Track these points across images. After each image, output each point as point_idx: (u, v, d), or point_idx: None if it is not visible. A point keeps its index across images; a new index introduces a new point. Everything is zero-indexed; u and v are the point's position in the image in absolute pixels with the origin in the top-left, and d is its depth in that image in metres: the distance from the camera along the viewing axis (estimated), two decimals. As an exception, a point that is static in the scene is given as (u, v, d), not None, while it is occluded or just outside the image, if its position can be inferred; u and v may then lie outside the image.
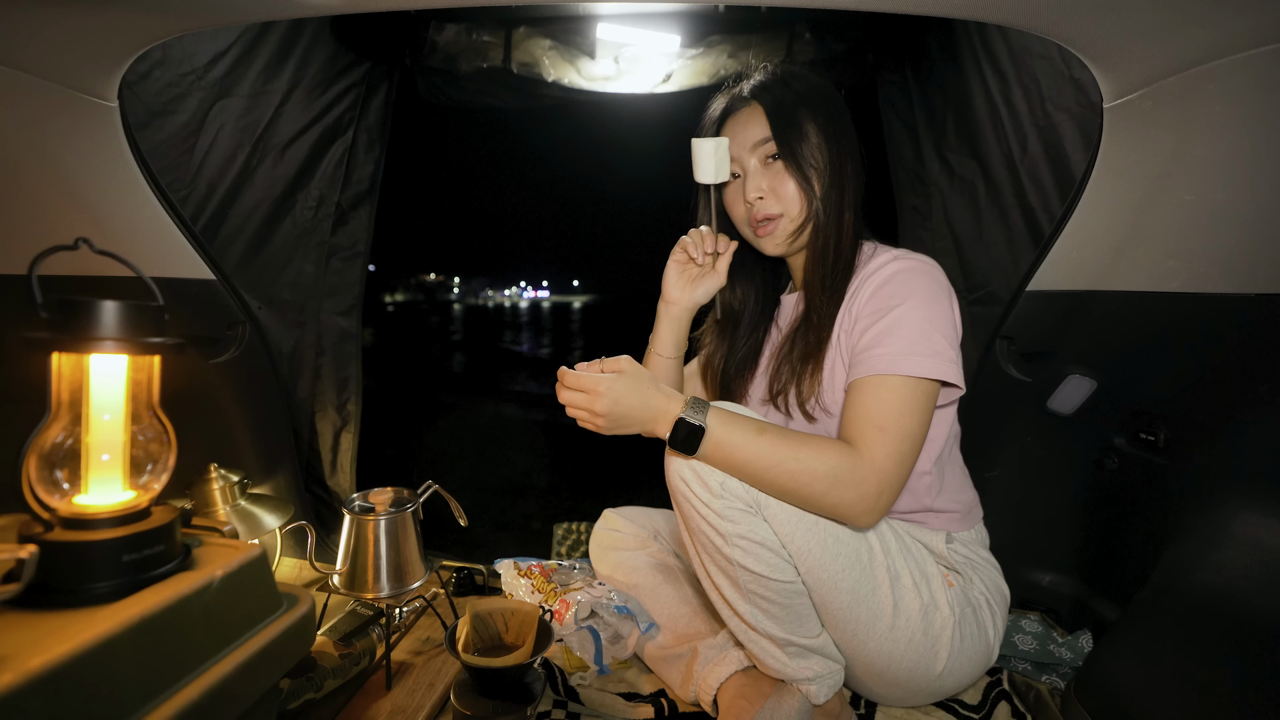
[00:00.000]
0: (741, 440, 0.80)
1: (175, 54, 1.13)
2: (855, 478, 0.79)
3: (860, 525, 0.85)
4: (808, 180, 0.94)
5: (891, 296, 0.87)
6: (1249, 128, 0.80)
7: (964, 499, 1.00)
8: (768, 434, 0.81)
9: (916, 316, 0.85)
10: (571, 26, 1.53)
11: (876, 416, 0.81)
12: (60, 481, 0.55)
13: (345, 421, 1.65)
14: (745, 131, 0.97)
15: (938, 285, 0.89)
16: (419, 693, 0.99)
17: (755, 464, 0.80)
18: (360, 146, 1.61)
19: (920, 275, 0.89)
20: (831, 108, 0.97)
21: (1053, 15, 0.76)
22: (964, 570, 0.96)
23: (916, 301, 0.86)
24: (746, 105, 0.98)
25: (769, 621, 0.87)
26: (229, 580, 0.57)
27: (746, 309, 1.11)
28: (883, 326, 0.85)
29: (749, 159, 0.98)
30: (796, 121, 0.94)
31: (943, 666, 0.89)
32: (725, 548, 0.83)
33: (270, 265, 1.46)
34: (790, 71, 1.00)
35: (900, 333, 0.84)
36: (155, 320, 0.56)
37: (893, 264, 0.90)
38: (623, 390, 0.81)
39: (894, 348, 0.83)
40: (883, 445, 0.79)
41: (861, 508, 0.80)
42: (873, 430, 0.80)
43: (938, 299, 0.87)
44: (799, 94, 0.96)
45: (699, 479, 0.83)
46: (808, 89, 0.97)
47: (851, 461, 0.79)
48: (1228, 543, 0.89)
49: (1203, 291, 0.95)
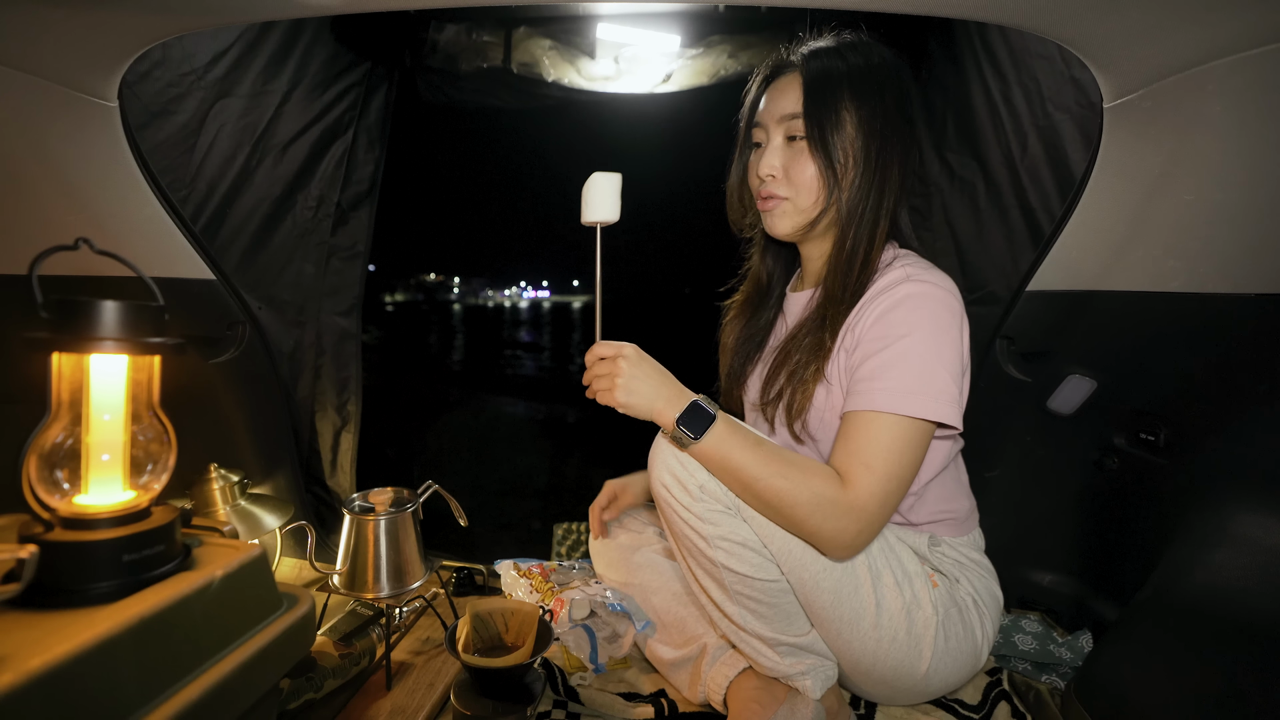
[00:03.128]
0: (739, 444, 0.80)
1: (175, 54, 1.13)
2: (836, 510, 0.78)
3: (835, 557, 0.84)
4: (832, 171, 0.87)
5: (899, 325, 0.82)
6: (1249, 128, 0.80)
7: (956, 507, 0.98)
8: (764, 447, 0.81)
9: (923, 350, 0.80)
10: (571, 26, 1.53)
11: (864, 453, 0.79)
12: (60, 481, 0.55)
13: (345, 421, 1.64)
14: (779, 100, 0.91)
15: (950, 314, 0.83)
16: (419, 693, 0.99)
17: (745, 472, 0.79)
18: (360, 146, 1.61)
19: (932, 303, 0.83)
20: (888, 95, 0.88)
21: (1053, 15, 0.76)
22: (949, 572, 0.95)
23: (925, 333, 0.81)
24: (789, 71, 0.91)
25: (757, 621, 0.88)
26: (229, 580, 0.57)
27: (773, 281, 1.10)
28: (886, 358, 0.81)
29: (774, 131, 0.92)
30: (833, 103, 0.86)
31: (927, 666, 0.89)
32: (708, 550, 0.84)
33: (270, 265, 1.46)
34: (853, 43, 0.90)
35: (904, 367, 0.80)
36: (155, 320, 0.56)
37: (904, 286, 0.84)
38: (646, 362, 0.84)
39: (895, 384, 0.80)
40: (867, 484, 0.78)
41: (839, 541, 0.79)
42: (860, 467, 0.79)
43: (948, 330, 0.82)
44: (848, 72, 0.87)
45: (679, 483, 0.83)
46: (864, 67, 0.88)
47: (835, 494, 0.78)
48: (1228, 543, 0.89)
49: (1203, 291, 0.94)
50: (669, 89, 1.56)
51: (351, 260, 1.63)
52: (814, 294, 0.98)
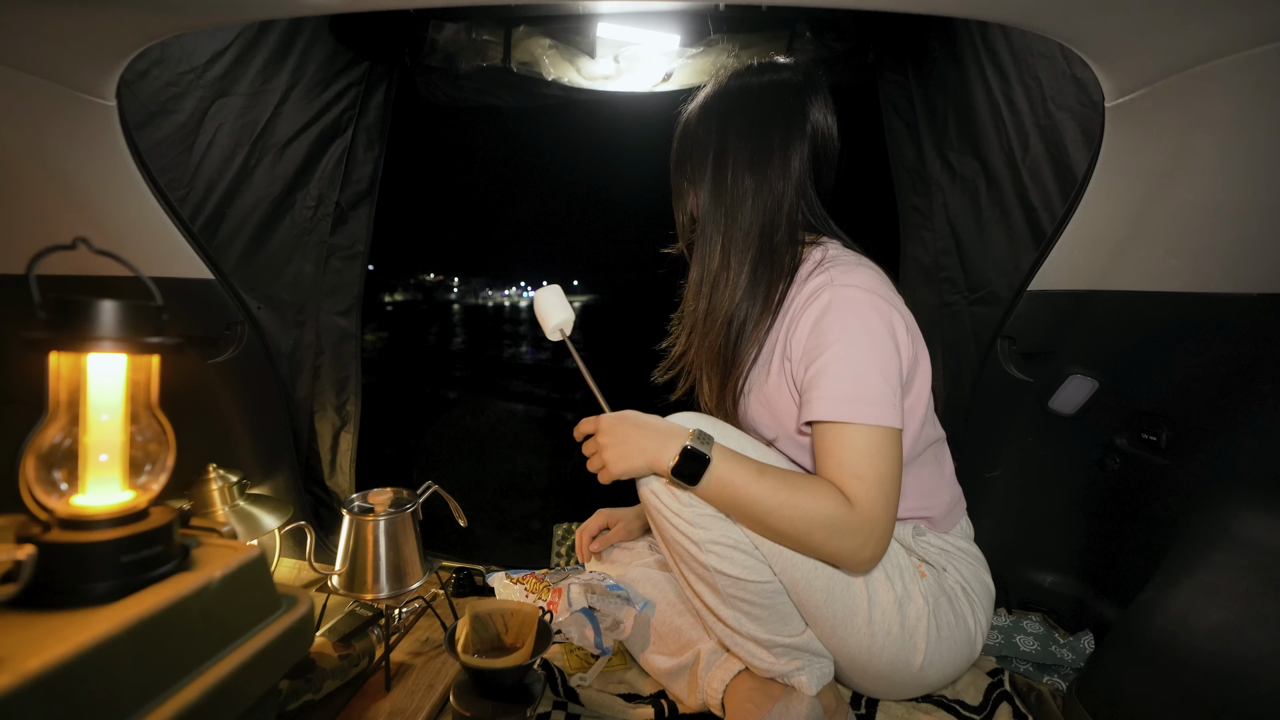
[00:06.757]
0: (744, 480, 0.80)
1: (174, 53, 1.12)
2: (849, 526, 0.78)
3: (860, 571, 0.86)
4: (710, 205, 0.96)
5: (828, 332, 0.84)
6: (1251, 126, 0.80)
7: (937, 501, 0.99)
8: (768, 476, 0.80)
9: (853, 355, 0.82)
10: (571, 25, 1.53)
11: (850, 465, 0.80)
12: (58, 482, 0.54)
13: (344, 422, 1.64)
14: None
15: (875, 314, 0.84)
16: (418, 694, 0.99)
17: (756, 506, 0.79)
18: (359, 146, 1.60)
19: (856, 308, 0.84)
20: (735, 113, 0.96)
21: (1054, 14, 0.76)
22: (936, 561, 0.96)
23: (852, 338, 0.83)
24: None
25: (752, 624, 0.88)
26: (227, 581, 0.56)
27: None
28: (820, 366, 0.83)
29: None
30: (681, 154, 1.01)
31: (923, 659, 0.90)
32: (700, 555, 0.84)
33: (269, 265, 1.46)
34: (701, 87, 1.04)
35: (835, 373, 0.82)
36: (154, 320, 0.56)
37: (825, 293, 0.85)
38: (623, 424, 0.86)
39: (830, 391, 0.81)
40: (865, 493, 0.78)
41: (862, 556, 0.80)
42: (852, 479, 0.79)
43: (873, 331, 0.83)
44: (686, 120, 1.02)
45: (667, 490, 0.84)
46: (702, 105, 1.01)
47: (845, 510, 0.78)
48: (1230, 543, 0.89)
49: (1205, 291, 0.94)
50: (669, 88, 1.55)
51: (351, 260, 1.63)
52: None
